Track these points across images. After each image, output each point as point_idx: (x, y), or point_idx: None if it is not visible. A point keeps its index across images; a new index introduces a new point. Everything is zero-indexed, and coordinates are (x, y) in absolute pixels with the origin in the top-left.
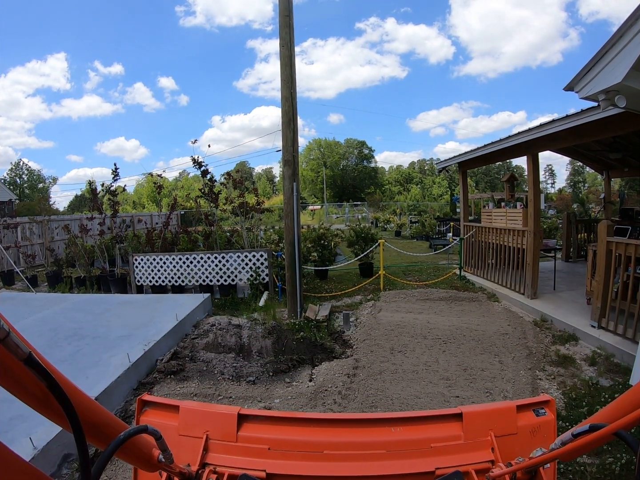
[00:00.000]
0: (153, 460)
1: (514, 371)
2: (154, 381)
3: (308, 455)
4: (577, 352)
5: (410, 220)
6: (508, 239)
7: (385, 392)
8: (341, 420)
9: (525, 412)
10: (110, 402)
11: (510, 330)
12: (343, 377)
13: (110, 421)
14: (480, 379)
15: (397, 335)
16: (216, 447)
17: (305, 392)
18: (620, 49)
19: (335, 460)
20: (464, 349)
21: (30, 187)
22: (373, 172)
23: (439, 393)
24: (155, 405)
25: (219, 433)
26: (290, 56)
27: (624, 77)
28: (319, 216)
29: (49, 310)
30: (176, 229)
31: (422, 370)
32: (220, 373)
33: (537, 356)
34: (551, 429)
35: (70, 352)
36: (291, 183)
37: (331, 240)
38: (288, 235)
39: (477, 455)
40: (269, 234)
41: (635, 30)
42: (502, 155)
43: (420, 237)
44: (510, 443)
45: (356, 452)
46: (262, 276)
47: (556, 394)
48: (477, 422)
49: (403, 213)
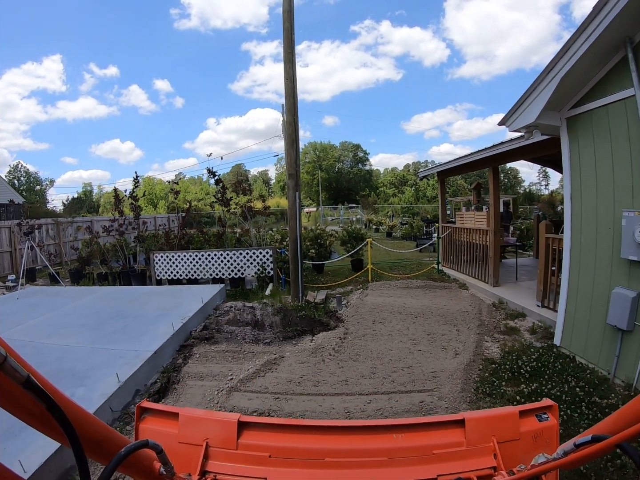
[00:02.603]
0: (154, 473)
1: (467, 336)
2: (192, 344)
3: (309, 462)
4: (522, 325)
5: (400, 222)
6: (475, 237)
7: (366, 347)
8: (343, 428)
9: (528, 417)
10: (162, 356)
11: (470, 309)
12: (336, 339)
13: (110, 436)
14: (439, 340)
15: (379, 312)
16: (216, 454)
17: (308, 348)
18: (535, 97)
19: (336, 468)
20: (430, 321)
21: (28, 190)
22: (368, 175)
23: (406, 348)
24: (155, 412)
25: (219, 440)
26: (293, 87)
27: (537, 117)
28: (315, 218)
29: (84, 299)
30: (178, 230)
31: (395, 334)
32: (242, 339)
33: (488, 327)
34: (554, 434)
35: (120, 327)
36: (294, 192)
37: (326, 239)
38: (292, 234)
39: (480, 461)
40: (272, 234)
41: (544, 84)
42: (470, 167)
43: (409, 237)
44: (513, 449)
45: (358, 459)
46: (268, 270)
47: (495, 350)
48: (479, 428)
49: (397, 215)
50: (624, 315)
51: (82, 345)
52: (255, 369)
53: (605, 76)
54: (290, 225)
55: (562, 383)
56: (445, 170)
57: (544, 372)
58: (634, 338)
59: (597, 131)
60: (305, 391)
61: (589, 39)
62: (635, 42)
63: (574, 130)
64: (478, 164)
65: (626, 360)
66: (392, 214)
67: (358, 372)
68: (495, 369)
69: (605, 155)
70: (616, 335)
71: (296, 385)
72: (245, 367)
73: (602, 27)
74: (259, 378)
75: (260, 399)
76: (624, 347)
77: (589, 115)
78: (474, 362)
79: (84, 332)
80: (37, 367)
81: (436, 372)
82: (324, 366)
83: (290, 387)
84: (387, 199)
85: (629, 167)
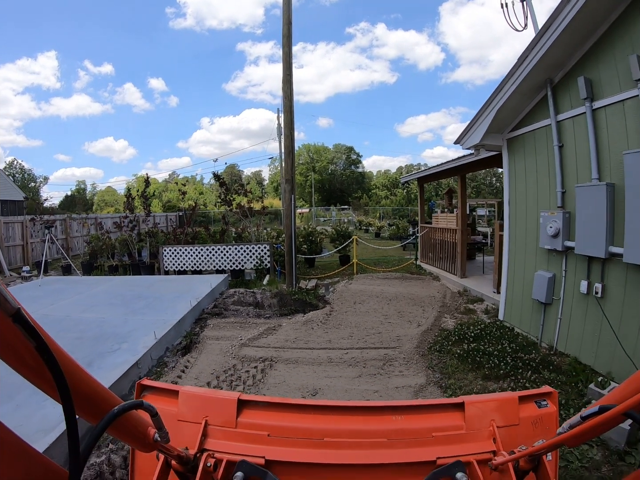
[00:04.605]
0: (148, 439)
1: (430, 313)
2: (206, 318)
3: (308, 442)
4: (479, 307)
5: (388, 224)
6: (447, 236)
7: (347, 320)
8: (342, 408)
9: (527, 403)
10: (184, 324)
11: (437, 295)
12: (323, 315)
13: (104, 395)
14: (407, 316)
15: (359, 296)
16: (215, 433)
17: (300, 320)
18: (480, 124)
19: (335, 448)
20: (402, 303)
21: (22, 187)
22: (360, 177)
23: (379, 321)
24: (154, 389)
25: (218, 419)
26: (290, 105)
27: (481, 139)
28: (307, 219)
29: (104, 285)
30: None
31: (372, 311)
32: (247, 315)
33: (450, 308)
34: (553, 420)
35: (145, 305)
36: (290, 195)
37: (317, 236)
38: (287, 231)
39: (479, 445)
40: (268, 232)
41: (486, 114)
42: (444, 174)
43: (396, 237)
44: (512, 434)
45: (357, 440)
46: (265, 263)
47: (451, 323)
48: (478, 412)
49: (387, 217)
50: (543, 291)
51: (116, 317)
52: (259, 332)
53: (533, 108)
54: (286, 224)
55: (497, 344)
56: (424, 176)
57: (485, 337)
58: (552, 310)
59: (527, 150)
60: (298, 347)
61: (515, 82)
62: (554, 82)
63: (512, 149)
64: (450, 172)
65: (548, 327)
66: (382, 215)
67: (339, 335)
68: (447, 335)
69: (532, 169)
70: (540, 308)
71: (291, 343)
72: (251, 332)
73: (525, 73)
74: (262, 338)
75: (264, 351)
76: (546, 317)
77: (522, 138)
78: (431, 330)
79: (114, 309)
80: (81, 334)
81: (400, 336)
82: (312, 332)
83: (286, 344)
84: (379, 201)
85: (547, 178)
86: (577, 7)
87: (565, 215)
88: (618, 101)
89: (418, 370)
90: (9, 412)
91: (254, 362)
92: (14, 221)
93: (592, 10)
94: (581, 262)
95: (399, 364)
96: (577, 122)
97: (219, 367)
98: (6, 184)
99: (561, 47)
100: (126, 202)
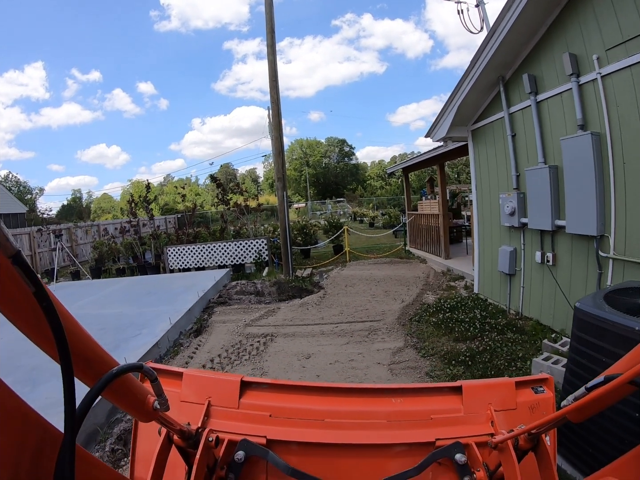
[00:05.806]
0: (148, 407)
1: (413, 291)
2: (213, 306)
3: (309, 422)
4: (460, 284)
5: (381, 213)
6: (431, 221)
7: (338, 300)
8: (343, 390)
9: (524, 388)
10: (193, 313)
11: (422, 275)
12: (317, 298)
13: (104, 357)
14: (393, 295)
15: (350, 280)
16: (218, 413)
17: (297, 304)
18: (445, 119)
19: (336, 429)
20: (389, 284)
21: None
22: (354, 169)
23: (367, 300)
24: (158, 372)
25: (221, 400)
26: (278, 110)
27: (447, 132)
28: (303, 213)
29: (114, 286)
30: (175, 229)
31: (361, 292)
32: (249, 301)
33: (432, 286)
34: (550, 406)
35: (156, 299)
36: (282, 192)
37: (311, 229)
38: (282, 225)
39: (477, 428)
40: (265, 227)
41: (449, 110)
42: (426, 163)
43: (389, 226)
44: (510, 418)
45: (357, 420)
46: (264, 256)
47: (432, 299)
48: (476, 395)
49: (383, 206)
50: (507, 264)
51: (132, 310)
52: (260, 315)
53: (490, 102)
54: (280, 218)
55: (469, 313)
56: (408, 166)
57: (460, 308)
58: (516, 280)
59: (487, 140)
60: (295, 324)
61: (471, 80)
62: (506, 79)
63: (476, 139)
64: (430, 161)
65: (514, 296)
66: (377, 205)
67: (331, 313)
68: (427, 308)
69: (491, 156)
70: (506, 279)
71: (289, 321)
72: (253, 315)
73: (479, 72)
74: (263, 319)
75: (265, 328)
76: (512, 286)
77: (483, 129)
78: (413, 305)
79: (128, 304)
80: (103, 325)
81: (385, 311)
82: (308, 312)
83: (285, 322)
84: (374, 192)
85: (504, 163)
86: (517, 12)
87: (520, 195)
88: (557, 94)
89: (398, 337)
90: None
91: (257, 338)
92: (21, 233)
93: (530, 15)
94: (535, 236)
95: (382, 332)
96: (526, 114)
97: (227, 343)
98: (7, 197)
99: (508, 48)
100: (129, 207)
